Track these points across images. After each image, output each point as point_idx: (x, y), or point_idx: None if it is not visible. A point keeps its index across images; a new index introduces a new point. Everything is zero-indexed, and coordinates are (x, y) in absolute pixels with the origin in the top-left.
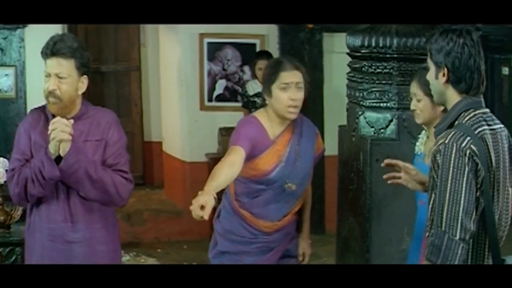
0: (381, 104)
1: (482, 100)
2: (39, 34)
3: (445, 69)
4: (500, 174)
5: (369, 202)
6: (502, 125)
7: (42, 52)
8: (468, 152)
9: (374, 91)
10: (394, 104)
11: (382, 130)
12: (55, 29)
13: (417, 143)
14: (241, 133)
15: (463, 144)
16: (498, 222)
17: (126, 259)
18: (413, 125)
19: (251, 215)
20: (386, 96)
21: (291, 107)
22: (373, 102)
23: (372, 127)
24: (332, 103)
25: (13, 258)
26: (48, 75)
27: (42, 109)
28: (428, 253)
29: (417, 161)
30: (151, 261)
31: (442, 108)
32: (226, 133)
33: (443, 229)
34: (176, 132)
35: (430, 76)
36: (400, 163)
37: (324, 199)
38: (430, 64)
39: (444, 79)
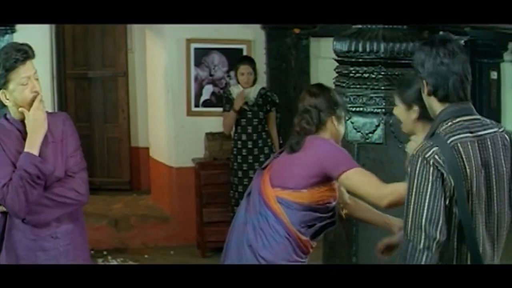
0: (368, 109)
1: (470, 106)
2: (28, 39)
3: (425, 81)
4: (493, 180)
5: None
6: (497, 129)
7: (16, 61)
8: (432, 162)
9: (361, 96)
10: (381, 109)
11: (369, 135)
12: (43, 34)
13: None
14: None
15: (428, 154)
16: (497, 226)
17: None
18: (400, 130)
19: (306, 239)
20: (373, 101)
21: None
22: (360, 107)
23: (359, 131)
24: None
25: None
26: (28, 79)
27: (5, 122)
28: (396, 261)
29: None
30: None
31: (415, 116)
32: (212, 137)
33: (408, 237)
34: (163, 138)
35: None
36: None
37: None
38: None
39: (426, 91)
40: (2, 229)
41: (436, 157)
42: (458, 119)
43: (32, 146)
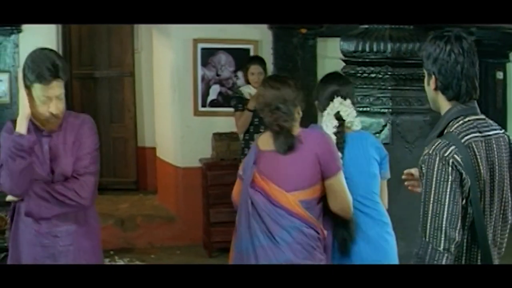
0: (375, 109)
1: (476, 106)
2: (33, 39)
3: (434, 76)
4: (495, 180)
5: None
6: (500, 131)
7: (38, 77)
8: (451, 161)
9: (368, 96)
10: (388, 109)
11: (376, 135)
12: (49, 35)
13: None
14: None
15: (446, 154)
16: (494, 229)
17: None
18: (406, 130)
19: (326, 231)
20: (380, 101)
21: None
22: (366, 107)
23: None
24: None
25: None
26: (49, 99)
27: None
28: (413, 263)
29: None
30: None
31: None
32: (220, 138)
33: (427, 239)
34: (170, 138)
35: (425, 83)
36: (412, 170)
37: None
38: (424, 71)
39: (433, 86)
40: (11, 220)
41: (456, 156)
42: (467, 118)
43: (18, 126)
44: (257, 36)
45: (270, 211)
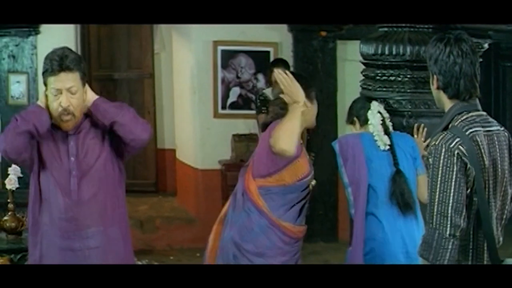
0: (394, 112)
1: (477, 103)
2: (51, 41)
3: (435, 76)
4: (498, 174)
5: None
6: (500, 128)
7: (47, 70)
8: (456, 152)
9: (387, 98)
10: (407, 111)
11: None
12: (67, 36)
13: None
14: None
15: (452, 145)
16: (495, 220)
17: None
18: (425, 132)
19: (291, 225)
20: (399, 104)
21: None
22: (386, 110)
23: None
24: (345, 110)
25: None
26: (59, 92)
27: None
28: (421, 250)
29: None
30: None
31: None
32: (239, 139)
33: (433, 226)
34: (189, 140)
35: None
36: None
37: (337, 207)
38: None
39: (435, 85)
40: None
41: (461, 147)
42: (470, 114)
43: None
44: (277, 39)
45: (240, 195)
